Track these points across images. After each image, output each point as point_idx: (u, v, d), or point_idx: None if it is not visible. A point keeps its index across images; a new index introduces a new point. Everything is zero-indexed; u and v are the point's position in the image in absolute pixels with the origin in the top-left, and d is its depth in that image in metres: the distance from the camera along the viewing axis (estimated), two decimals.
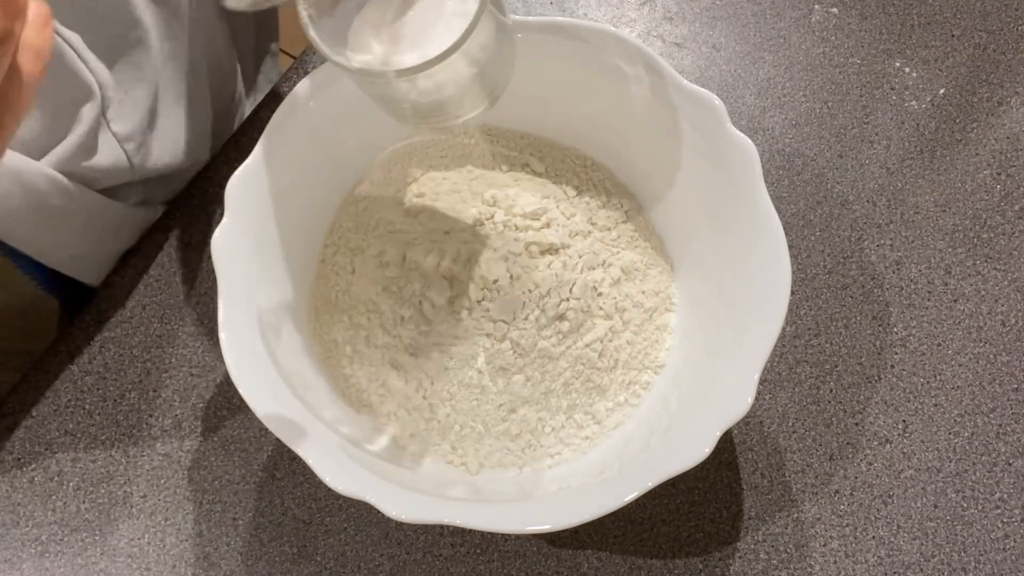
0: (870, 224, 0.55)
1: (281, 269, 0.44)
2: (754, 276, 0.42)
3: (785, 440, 0.49)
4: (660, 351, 0.47)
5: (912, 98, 0.58)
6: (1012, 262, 0.54)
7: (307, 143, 0.44)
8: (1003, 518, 0.48)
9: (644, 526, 0.47)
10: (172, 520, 0.47)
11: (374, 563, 0.47)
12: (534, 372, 0.44)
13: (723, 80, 0.59)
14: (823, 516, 0.48)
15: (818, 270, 0.53)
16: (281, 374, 0.42)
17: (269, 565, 0.47)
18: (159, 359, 0.50)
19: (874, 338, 0.52)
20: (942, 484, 0.48)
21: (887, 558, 0.47)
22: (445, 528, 0.47)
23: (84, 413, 0.49)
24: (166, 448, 0.49)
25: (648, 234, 0.49)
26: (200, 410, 0.49)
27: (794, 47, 0.60)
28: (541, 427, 0.45)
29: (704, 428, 0.38)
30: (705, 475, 0.48)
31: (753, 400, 0.38)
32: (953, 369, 0.51)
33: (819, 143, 0.57)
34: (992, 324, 0.52)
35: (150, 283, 0.52)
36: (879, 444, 0.49)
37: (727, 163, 0.43)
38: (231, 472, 0.48)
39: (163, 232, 0.53)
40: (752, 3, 0.61)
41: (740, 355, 0.40)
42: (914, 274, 0.53)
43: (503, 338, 0.44)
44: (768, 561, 0.47)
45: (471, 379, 0.44)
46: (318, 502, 0.48)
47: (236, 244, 0.41)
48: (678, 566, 0.47)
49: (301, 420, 0.40)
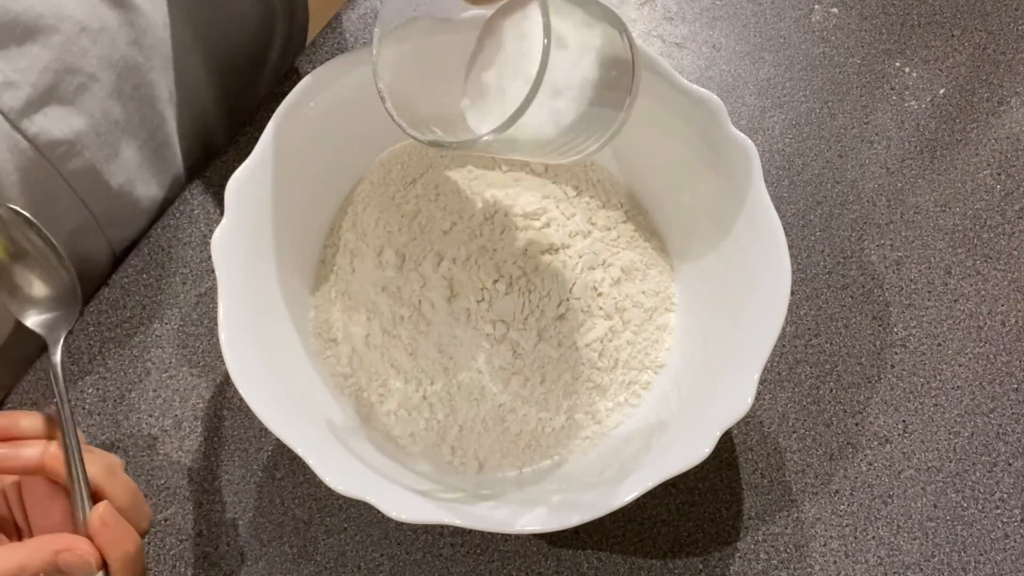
0: (870, 224, 0.55)
1: (281, 269, 0.44)
2: (754, 276, 0.42)
3: (785, 440, 0.49)
4: (660, 351, 0.47)
5: (912, 98, 0.58)
6: (1012, 262, 0.54)
7: (307, 143, 0.44)
8: (1003, 518, 0.48)
9: (644, 526, 0.47)
10: (172, 520, 0.47)
11: (374, 563, 0.47)
12: (534, 372, 0.44)
13: (723, 80, 0.59)
14: (823, 516, 0.48)
15: (818, 270, 0.53)
16: (281, 374, 0.42)
17: (269, 565, 0.47)
18: (159, 359, 0.50)
19: (874, 338, 0.52)
20: (942, 484, 0.48)
21: (887, 558, 0.47)
22: (445, 528, 0.47)
23: (84, 413, 0.49)
24: (166, 448, 0.49)
25: (648, 234, 0.49)
26: (200, 410, 0.49)
27: (794, 47, 0.60)
28: (541, 427, 0.45)
29: (704, 428, 0.38)
30: (705, 475, 0.48)
31: (753, 400, 0.38)
32: (953, 369, 0.51)
33: (819, 143, 0.57)
34: (992, 324, 0.52)
35: (150, 283, 0.52)
36: (879, 444, 0.49)
37: (727, 163, 0.43)
38: (231, 472, 0.48)
39: (163, 232, 0.53)
40: (752, 3, 0.61)
41: (740, 355, 0.40)
42: (914, 274, 0.53)
43: (503, 338, 0.44)
44: (768, 561, 0.47)
45: (471, 379, 0.44)
46: (318, 502, 0.48)
47: (236, 244, 0.41)
48: (678, 566, 0.47)
49: (301, 420, 0.40)
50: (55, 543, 0.35)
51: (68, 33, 0.43)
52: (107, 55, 0.46)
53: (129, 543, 0.36)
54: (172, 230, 0.53)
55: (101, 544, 0.36)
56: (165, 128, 0.53)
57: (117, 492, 0.37)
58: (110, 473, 0.38)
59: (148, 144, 0.52)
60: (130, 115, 0.49)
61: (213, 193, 0.54)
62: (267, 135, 0.42)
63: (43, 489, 0.38)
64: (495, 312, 0.44)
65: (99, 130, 0.47)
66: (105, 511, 0.36)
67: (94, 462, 0.38)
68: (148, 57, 0.49)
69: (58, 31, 0.42)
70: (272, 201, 0.43)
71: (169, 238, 0.53)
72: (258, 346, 0.40)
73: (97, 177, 0.48)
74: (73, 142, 0.46)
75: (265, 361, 0.40)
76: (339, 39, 0.59)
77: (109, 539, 0.36)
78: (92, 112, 0.46)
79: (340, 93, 0.45)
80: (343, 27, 0.60)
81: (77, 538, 0.36)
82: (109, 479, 0.38)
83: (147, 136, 0.51)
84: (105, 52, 0.45)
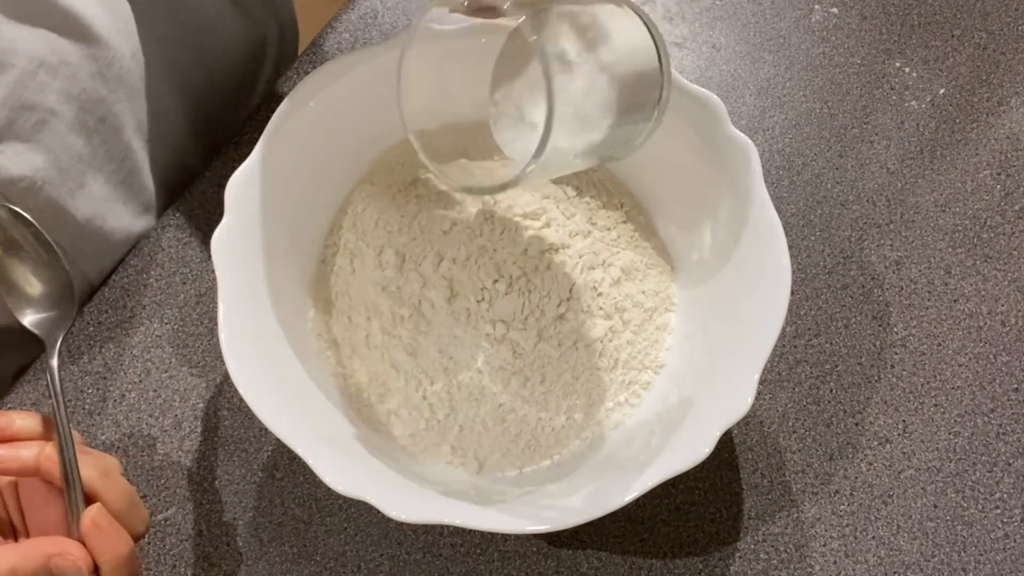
0: (870, 224, 0.55)
1: (281, 269, 0.44)
2: (754, 276, 0.42)
3: (785, 440, 0.49)
4: (660, 351, 0.47)
5: (912, 98, 0.58)
6: (1012, 262, 0.54)
7: (307, 143, 0.44)
8: (1003, 518, 0.48)
9: (644, 526, 0.47)
10: (172, 520, 0.47)
11: (374, 563, 0.47)
12: (534, 372, 0.44)
13: (723, 80, 0.59)
14: (823, 516, 0.48)
15: (818, 270, 0.53)
16: (281, 374, 0.42)
17: (269, 565, 0.47)
18: (159, 359, 0.50)
19: (874, 338, 0.52)
20: (942, 484, 0.48)
21: (887, 558, 0.47)
22: (445, 528, 0.47)
23: (84, 413, 0.49)
24: (166, 448, 0.49)
25: (648, 234, 0.49)
26: (200, 410, 0.49)
27: (794, 47, 0.60)
28: (541, 427, 0.45)
29: (704, 428, 0.38)
30: (705, 475, 0.48)
31: (753, 400, 0.38)
32: (953, 369, 0.51)
33: (819, 143, 0.57)
34: (992, 324, 0.52)
35: (150, 283, 0.52)
36: (879, 444, 0.49)
37: (727, 163, 0.43)
38: (231, 472, 0.48)
39: (163, 232, 0.53)
40: (752, 3, 0.61)
41: (740, 355, 0.40)
42: (914, 274, 0.53)
43: (503, 338, 0.44)
44: (768, 561, 0.47)
45: (471, 379, 0.44)
46: (318, 502, 0.48)
47: (236, 244, 0.41)
48: (678, 566, 0.47)
49: (301, 420, 0.40)
50: (48, 546, 0.35)
51: (24, 69, 0.42)
52: (68, 89, 0.45)
53: (121, 546, 0.36)
54: (172, 230, 0.53)
55: (92, 547, 0.36)
56: (133, 158, 0.51)
57: (112, 495, 0.37)
58: (105, 476, 0.38)
59: (115, 175, 0.51)
60: (95, 148, 0.48)
61: (213, 193, 0.54)
62: (267, 135, 0.42)
63: (40, 490, 0.38)
64: (495, 312, 0.44)
65: (61, 165, 0.46)
66: (97, 514, 0.36)
67: (89, 465, 0.38)
68: (113, 89, 0.48)
69: (13, 67, 0.42)
70: (272, 201, 0.43)
71: (169, 238, 0.53)
72: (258, 346, 0.40)
73: (61, 212, 0.48)
74: (33, 178, 0.45)
75: (265, 361, 0.40)
76: (339, 39, 0.59)
77: (100, 542, 0.36)
78: (53, 147, 0.45)
79: (340, 93, 0.45)
80: (343, 27, 0.60)
81: (70, 542, 0.36)
82: (104, 482, 0.37)
83: (114, 168, 0.50)
84: (65, 86, 0.44)
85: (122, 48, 0.47)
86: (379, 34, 0.60)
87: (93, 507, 0.36)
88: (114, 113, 0.48)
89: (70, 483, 0.37)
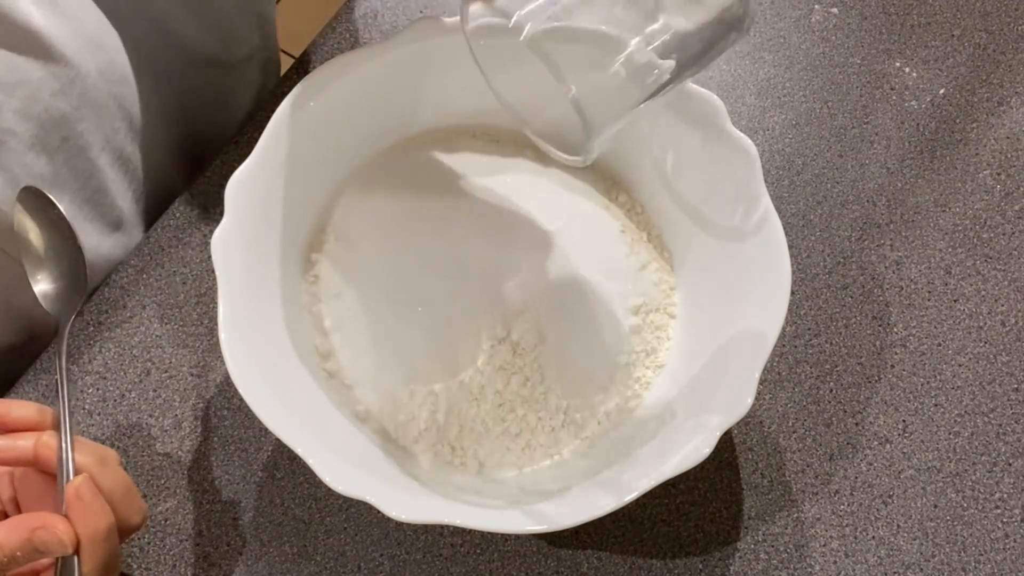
0: (870, 224, 0.55)
1: (280, 269, 0.44)
2: (754, 276, 0.42)
3: (785, 440, 0.49)
4: (660, 351, 0.47)
5: (912, 98, 0.58)
6: (1012, 262, 0.54)
7: (306, 143, 0.44)
8: (1003, 518, 0.48)
9: (644, 526, 0.47)
10: (172, 520, 0.47)
11: (374, 563, 0.47)
12: (534, 372, 0.44)
13: (723, 80, 0.59)
14: (823, 516, 0.48)
15: (818, 270, 0.53)
16: (281, 374, 0.42)
17: (269, 565, 0.47)
18: (159, 359, 0.50)
19: (874, 338, 0.52)
20: (942, 484, 0.48)
21: (887, 558, 0.47)
22: (445, 528, 0.47)
23: (84, 413, 0.49)
24: (166, 448, 0.49)
25: (648, 234, 0.49)
26: (200, 410, 0.49)
27: (794, 47, 0.60)
28: (541, 427, 0.45)
29: (704, 428, 0.38)
30: (705, 475, 0.48)
31: (753, 400, 0.38)
32: (953, 369, 0.51)
33: (819, 143, 0.57)
34: (992, 324, 0.52)
35: (150, 283, 0.52)
36: (879, 444, 0.49)
37: (727, 163, 0.43)
38: (231, 472, 0.48)
39: (163, 232, 0.53)
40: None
41: (740, 355, 0.40)
42: (914, 274, 0.53)
43: (503, 338, 0.44)
44: (768, 561, 0.47)
45: (471, 379, 0.44)
46: (318, 502, 0.48)
47: (236, 244, 0.41)
48: (678, 566, 0.47)
49: (301, 420, 0.40)
50: (32, 521, 0.35)
51: None
52: (26, 108, 0.44)
53: (101, 520, 0.36)
54: (172, 230, 0.53)
55: (74, 517, 0.35)
56: (99, 176, 0.51)
57: (107, 482, 0.37)
58: (102, 463, 0.37)
59: (80, 194, 0.50)
60: (57, 167, 0.47)
61: (213, 193, 0.54)
62: (267, 135, 0.42)
63: (36, 481, 0.38)
64: (495, 312, 0.44)
65: (20, 184, 0.45)
66: (82, 484, 0.36)
67: (87, 451, 0.37)
68: (76, 107, 0.47)
69: None
70: (272, 201, 0.43)
71: (169, 238, 0.53)
72: (258, 346, 0.40)
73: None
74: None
75: (265, 361, 0.40)
76: (339, 39, 0.59)
77: (82, 512, 0.36)
78: (10, 167, 0.45)
79: (339, 93, 0.45)
80: (343, 27, 0.60)
81: (54, 516, 0.35)
82: (100, 468, 0.37)
83: (79, 186, 0.50)
84: (23, 105, 0.44)
85: (86, 65, 0.46)
86: (379, 34, 0.60)
87: (79, 477, 0.36)
88: (78, 132, 0.47)
89: (62, 463, 0.37)
